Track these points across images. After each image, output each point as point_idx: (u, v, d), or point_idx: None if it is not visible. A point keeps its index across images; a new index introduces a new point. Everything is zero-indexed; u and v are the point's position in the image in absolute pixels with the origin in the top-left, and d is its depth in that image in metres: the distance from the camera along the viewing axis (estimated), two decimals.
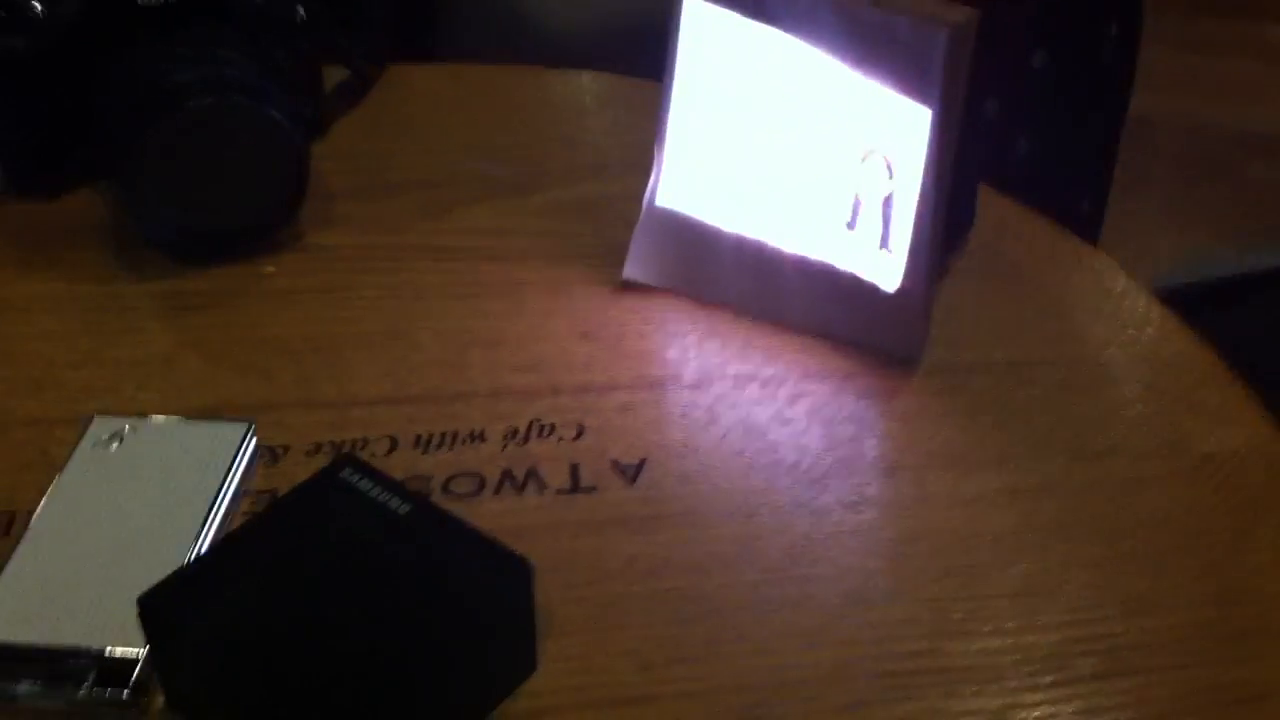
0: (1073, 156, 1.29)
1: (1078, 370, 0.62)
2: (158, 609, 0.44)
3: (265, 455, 0.55)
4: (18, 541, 0.50)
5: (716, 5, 0.60)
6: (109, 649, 0.46)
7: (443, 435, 0.57)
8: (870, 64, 0.56)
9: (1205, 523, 0.54)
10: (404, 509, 0.47)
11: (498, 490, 0.55)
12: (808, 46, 0.58)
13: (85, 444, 0.54)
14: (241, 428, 0.55)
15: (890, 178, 0.58)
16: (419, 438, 0.57)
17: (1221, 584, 0.52)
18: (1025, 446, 0.58)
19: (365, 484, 0.48)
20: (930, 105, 0.56)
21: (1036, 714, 0.47)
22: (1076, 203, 1.30)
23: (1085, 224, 1.33)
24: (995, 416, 0.59)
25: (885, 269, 0.60)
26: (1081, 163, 1.31)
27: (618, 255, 0.65)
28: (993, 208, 0.69)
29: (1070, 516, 0.55)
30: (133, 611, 0.45)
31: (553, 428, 0.57)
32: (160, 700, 0.46)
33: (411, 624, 0.44)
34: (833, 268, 0.61)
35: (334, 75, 0.78)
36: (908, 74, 0.56)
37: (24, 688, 0.46)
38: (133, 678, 0.46)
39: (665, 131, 0.63)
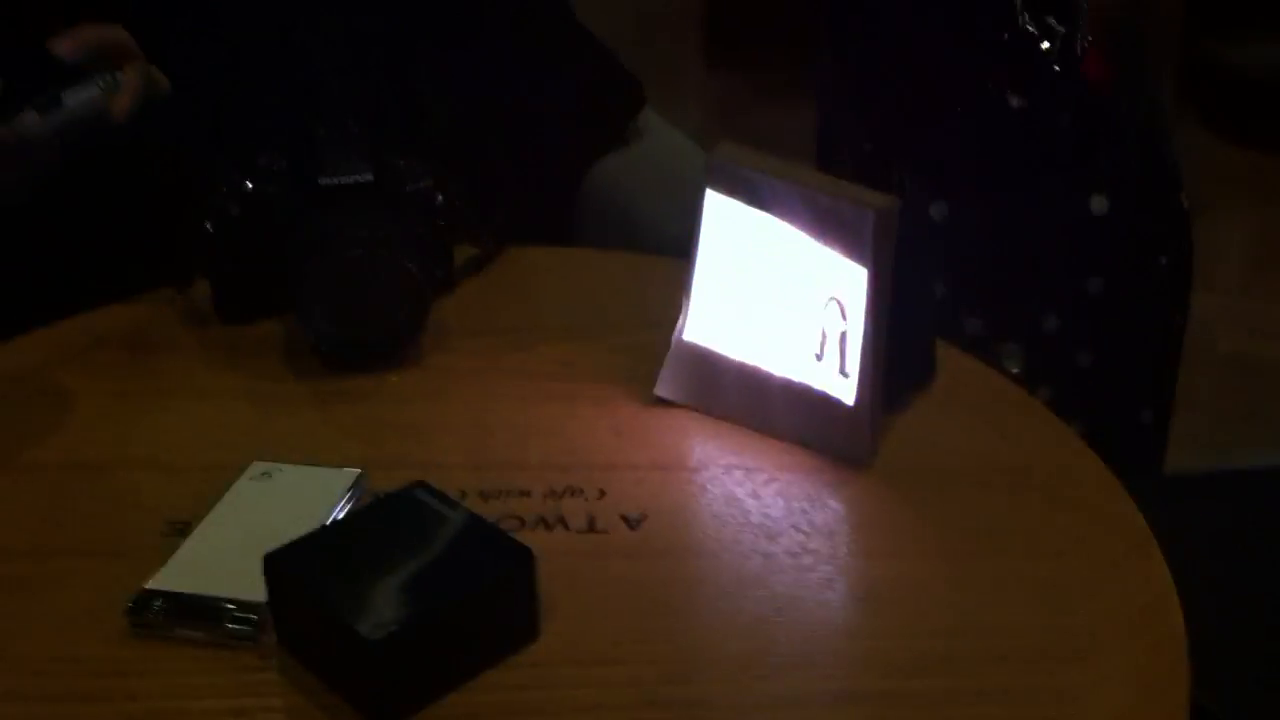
0: (1132, 370, 1.43)
1: (991, 480, 0.79)
2: (278, 562, 0.65)
3: (371, 495, 0.76)
4: (189, 536, 0.72)
5: (726, 197, 0.81)
6: (240, 597, 0.67)
7: (499, 490, 0.77)
8: (826, 235, 0.77)
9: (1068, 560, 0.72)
10: (454, 515, 0.68)
11: (534, 528, 0.75)
12: (785, 223, 0.78)
13: (243, 478, 0.76)
14: (355, 473, 0.76)
15: (844, 320, 0.78)
16: (482, 491, 0.77)
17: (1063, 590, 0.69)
18: (935, 522, 0.76)
19: (430, 498, 0.69)
20: (866, 266, 0.76)
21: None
22: (1137, 414, 1.45)
23: (1148, 434, 1.46)
24: (920, 505, 0.77)
25: (842, 390, 0.79)
26: (1141, 377, 1.44)
27: (654, 380, 0.85)
28: (952, 362, 0.88)
29: (949, 563, 0.72)
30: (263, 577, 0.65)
31: (581, 490, 0.77)
32: (274, 638, 0.66)
33: (451, 588, 0.64)
34: (805, 388, 0.80)
35: (466, 252, 1.01)
36: (850, 242, 0.76)
37: (182, 627, 0.67)
38: (255, 618, 0.66)
39: (691, 285, 0.84)
